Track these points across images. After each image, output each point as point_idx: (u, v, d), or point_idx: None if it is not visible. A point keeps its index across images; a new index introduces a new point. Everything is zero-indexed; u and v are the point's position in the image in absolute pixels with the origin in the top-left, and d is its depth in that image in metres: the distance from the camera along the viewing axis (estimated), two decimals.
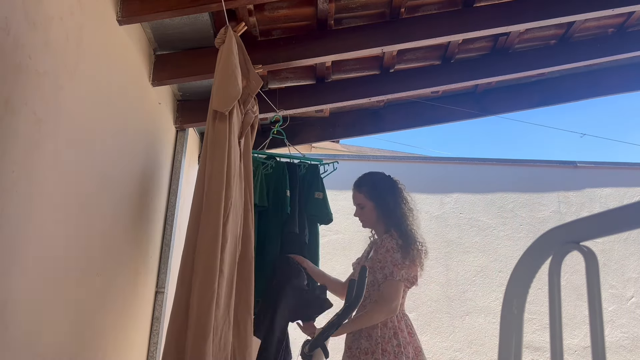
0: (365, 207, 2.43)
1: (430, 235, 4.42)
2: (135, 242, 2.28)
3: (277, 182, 2.82)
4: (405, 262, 2.23)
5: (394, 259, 2.23)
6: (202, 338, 1.81)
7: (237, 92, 2.07)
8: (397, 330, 2.23)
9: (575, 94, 3.51)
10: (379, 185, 2.45)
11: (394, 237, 2.28)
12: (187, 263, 1.95)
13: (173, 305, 1.94)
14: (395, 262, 2.23)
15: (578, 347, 4.13)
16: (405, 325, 2.28)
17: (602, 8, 2.55)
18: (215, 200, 1.95)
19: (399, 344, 2.19)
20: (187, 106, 2.94)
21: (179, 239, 2.79)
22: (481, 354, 4.13)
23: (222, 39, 2.11)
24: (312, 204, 2.88)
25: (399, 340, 2.20)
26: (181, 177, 2.85)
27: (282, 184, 2.80)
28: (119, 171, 2.03)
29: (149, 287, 2.54)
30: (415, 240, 2.30)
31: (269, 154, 3.02)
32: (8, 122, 1.25)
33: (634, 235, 4.43)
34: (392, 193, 2.43)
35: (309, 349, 2.45)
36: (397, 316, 2.27)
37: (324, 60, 2.68)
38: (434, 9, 2.60)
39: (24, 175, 1.33)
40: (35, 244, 1.40)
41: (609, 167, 4.69)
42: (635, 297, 4.31)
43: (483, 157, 4.71)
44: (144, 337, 2.51)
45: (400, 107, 3.54)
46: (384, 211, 2.39)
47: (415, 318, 4.17)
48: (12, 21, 1.26)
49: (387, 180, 2.49)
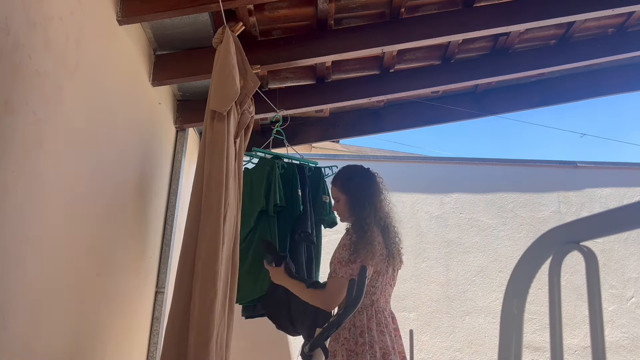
0: (340, 201, 2.37)
1: (430, 235, 4.42)
2: (135, 242, 2.28)
3: (289, 182, 2.82)
4: (352, 260, 2.16)
5: (340, 256, 2.18)
6: (205, 339, 1.80)
7: (235, 92, 2.06)
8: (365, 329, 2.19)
9: (575, 94, 3.51)
10: (353, 178, 2.37)
11: (350, 233, 2.23)
12: (185, 264, 1.94)
13: (171, 307, 1.93)
14: (340, 259, 2.17)
15: (578, 347, 4.13)
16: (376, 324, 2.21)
17: (602, 8, 2.55)
18: (216, 200, 1.95)
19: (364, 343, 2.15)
20: (187, 106, 2.94)
21: (178, 239, 2.79)
22: (481, 354, 4.13)
23: (220, 39, 2.11)
24: (320, 208, 2.89)
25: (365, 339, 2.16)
26: (181, 177, 2.85)
27: (294, 183, 2.81)
28: (118, 171, 2.03)
29: (149, 287, 2.54)
30: (373, 238, 2.21)
31: (276, 154, 3.02)
32: (8, 122, 1.25)
33: (634, 235, 4.43)
34: (365, 187, 2.33)
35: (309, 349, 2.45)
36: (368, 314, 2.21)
37: (324, 60, 2.68)
38: (434, 9, 2.60)
39: (24, 175, 1.33)
40: (35, 244, 1.40)
41: (609, 167, 4.69)
42: (635, 297, 4.31)
43: (483, 157, 4.71)
44: (144, 337, 2.51)
45: (400, 107, 3.54)
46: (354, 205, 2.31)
47: (415, 318, 4.17)
48: (12, 21, 1.26)
49: (363, 173, 2.38)
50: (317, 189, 2.93)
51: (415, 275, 4.29)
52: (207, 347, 1.80)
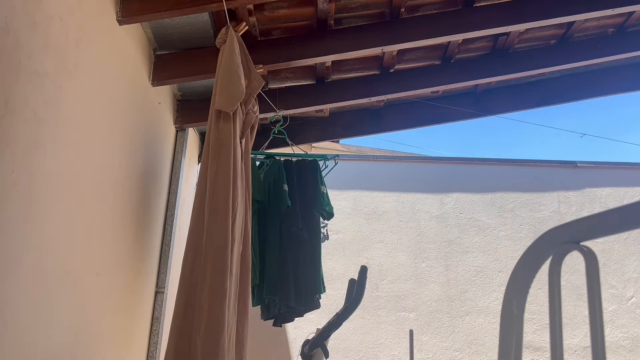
0: None
1: (430, 235, 4.42)
2: (135, 242, 2.28)
3: (274, 178, 2.84)
4: None
5: None
6: (216, 339, 1.80)
7: (241, 91, 2.06)
8: None
9: (575, 94, 3.50)
10: None
11: None
12: (192, 263, 1.94)
13: (176, 307, 1.93)
14: None
15: (578, 347, 4.13)
16: None
17: (602, 8, 2.55)
18: (223, 200, 1.95)
19: None
20: (187, 106, 2.94)
21: (179, 239, 2.79)
22: (481, 354, 4.12)
23: (223, 38, 2.11)
24: (319, 199, 2.90)
25: None
26: (181, 177, 2.85)
27: (279, 179, 2.83)
28: (118, 171, 2.03)
29: (149, 287, 2.54)
30: None
31: (267, 153, 3.04)
32: (8, 122, 1.25)
33: (634, 235, 4.42)
34: None
35: (309, 349, 2.45)
36: None
37: (324, 60, 2.68)
38: (434, 9, 2.60)
39: (24, 175, 1.33)
40: (35, 244, 1.40)
41: (609, 167, 4.69)
42: (635, 297, 4.31)
43: (483, 157, 4.71)
44: (144, 337, 2.51)
45: (400, 107, 3.54)
46: None
47: (415, 318, 4.17)
48: (12, 21, 1.26)
49: None
50: (314, 180, 2.94)
51: (415, 275, 4.29)
52: (217, 346, 1.80)
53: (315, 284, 2.79)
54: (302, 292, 2.75)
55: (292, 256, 2.78)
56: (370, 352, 4.06)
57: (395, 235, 4.37)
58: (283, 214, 2.81)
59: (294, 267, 2.76)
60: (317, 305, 2.84)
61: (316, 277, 2.81)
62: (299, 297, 2.74)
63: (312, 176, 2.97)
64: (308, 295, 2.76)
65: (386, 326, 4.14)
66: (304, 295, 2.75)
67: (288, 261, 2.75)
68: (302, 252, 2.81)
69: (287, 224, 2.83)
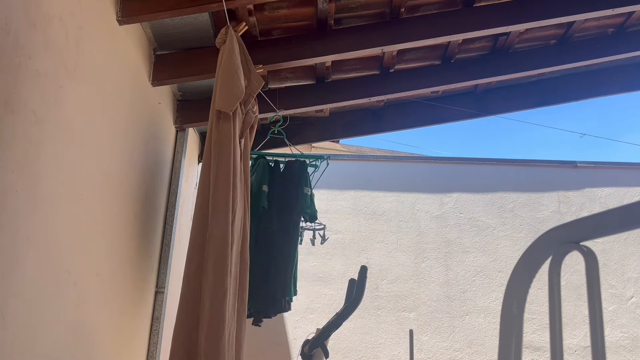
0: None
1: (430, 235, 4.42)
2: (135, 242, 2.28)
3: (256, 178, 2.83)
4: None
5: None
6: (216, 338, 1.81)
7: (240, 91, 2.06)
8: None
9: (575, 94, 3.50)
10: None
11: None
12: (196, 263, 1.94)
13: (180, 306, 1.94)
14: None
15: (578, 347, 4.13)
16: None
17: (602, 8, 2.55)
18: (224, 200, 1.96)
19: None
20: (187, 106, 2.94)
21: (179, 239, 2.79)
22: (481, 354, 4.13)
23: (223, 38, 2.11)
24: (301, 200, 2.87)
25: None
26: (181, 177, 2.85)
27: (261, 179, 2.81)
28: (118, 171, 2.03)
29: (149, 287, 2.54)
30: None
31: (257, 153, 3.03)
32: (8, 122, 1.25)
33: (634, 235, 4.43)
34: None
35: (309, 349, 2.45)
36: None
37: (324, 60, 2.68)
38: (434, 9, 2.60)
39: (24, 175, 1.33)
40: (35, 244, 1.40)
41: (609, 167, 4.69)
42: (635, 297, 4.31)
43: (483, 157, 4.71)
44: (144, 337, 2.51)
45: (400, 107, 3.54)
46: None
47: (415, 318, 4.17)
48: (12, 21, 1.26)
49: None
50: (298, 181, 2.91)
51: (415, 275, 4.29)
52: (218, 344, 1.80)
53: (284, 287, 2.75)
54: (269, 294, 2.72)
55: (264, 258, 2.75)
56: (370, 352, 4.06)
57: (395, 235, 4.37)
58: (260, 214, 2.79)
59: (263, 269, 2.73)
60: (287, 308, 2.80)
61: (286, 280, 2.77)
62: (264, 300, 2.71)
63: (296, 177, 2.92)
64: (276, 298, 2.72)
65: (386, 326, 4.14)
66: (270, 298, 2.72)
67: (257, 263, 2.71)
68: (274, 254, 2.78)
69: (263, 225, 2.81)
